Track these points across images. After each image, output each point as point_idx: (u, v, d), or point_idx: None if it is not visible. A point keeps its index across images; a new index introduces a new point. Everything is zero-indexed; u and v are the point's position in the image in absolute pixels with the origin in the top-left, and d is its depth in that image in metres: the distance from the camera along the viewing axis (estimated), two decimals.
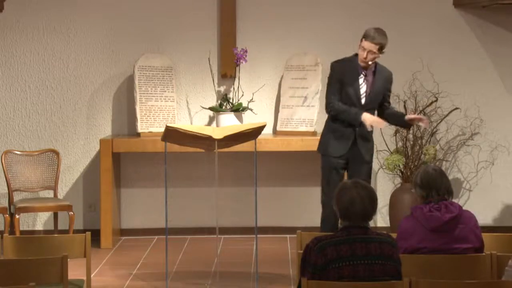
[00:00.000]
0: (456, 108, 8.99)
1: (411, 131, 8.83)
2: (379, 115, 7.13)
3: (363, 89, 6.97)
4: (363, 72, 6.96)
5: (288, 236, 8.89)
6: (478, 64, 9.13)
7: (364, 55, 6.88)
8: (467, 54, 9.12)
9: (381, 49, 6.88)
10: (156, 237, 8.96)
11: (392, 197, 8.84)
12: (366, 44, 6.86)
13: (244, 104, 8.89)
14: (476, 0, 8.83)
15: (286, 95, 9.01)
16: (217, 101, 9.00)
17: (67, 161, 9.05)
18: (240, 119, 8.78)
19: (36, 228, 9.09)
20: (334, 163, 7.02)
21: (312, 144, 8.59)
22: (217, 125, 8.74)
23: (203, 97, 9.11)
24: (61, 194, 8.98)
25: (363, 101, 6.96)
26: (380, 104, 7.07)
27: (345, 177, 7.13)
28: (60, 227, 8.65)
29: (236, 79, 8.97)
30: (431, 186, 5.18)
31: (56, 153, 8.77)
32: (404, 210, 8.18)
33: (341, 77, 6.99)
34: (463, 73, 9.12)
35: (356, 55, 7.02)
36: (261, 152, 8.28)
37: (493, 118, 9.13)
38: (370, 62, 6.90)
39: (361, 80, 6.96)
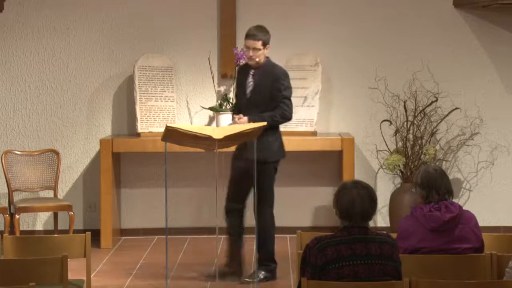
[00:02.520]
0: (456, 108, 8.99)
1: (411, 131, 8.83)
2: None
3: (250, 87, 7.24)
4: (251, 72, 7.24)
5: (288, 236, 8.86)
6: (478, 64, 9.12)
7: (250, 53, 7.16)
8: (467, 54, 9.12)
9: (264, 44, 7.15)
10: (156, 237, 8.96)
11: (392, 197, 8.84)
12: (249, 42, 7.17)
13: None
14: (476, 0, 8.82)
15: None
16: (217, 101, 8.99)
17: (67, 161, 9.05)
18: None
19: (36, 228, 9.08)
20: None
21: (312, 144, 8.60)
22: (217, 125, 8.73)
23: (203, 97, 9.10)
24: (61, 194, 8.98)
25: (248, 96, 7.23)
26: (271, 101, 7.19)
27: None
28: (60, 227, 8.65)
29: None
30: (431, 186, 5.19)
31: (56, 153, 8.77)
32: (404, 210, 8.17)
33: (237, 81, 7.42)
34: (463, 73, 9.11)
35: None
36: None
37: (493, 118, 9.12)
38: (257, 59, 7.17)
39: (249, 79, 7.25)
